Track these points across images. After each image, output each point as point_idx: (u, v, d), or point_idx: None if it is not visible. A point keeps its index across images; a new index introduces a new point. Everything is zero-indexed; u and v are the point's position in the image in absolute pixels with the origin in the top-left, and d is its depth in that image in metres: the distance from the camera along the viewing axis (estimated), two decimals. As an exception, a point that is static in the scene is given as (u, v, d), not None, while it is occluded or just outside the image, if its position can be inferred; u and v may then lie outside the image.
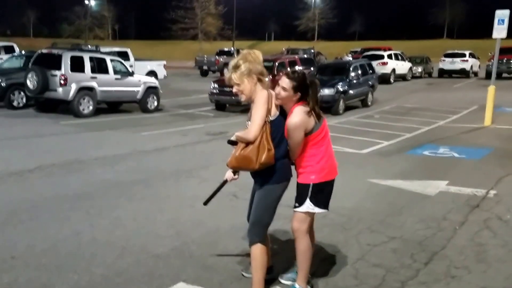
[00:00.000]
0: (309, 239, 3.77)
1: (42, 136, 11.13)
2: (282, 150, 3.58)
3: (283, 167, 3.60)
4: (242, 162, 3.48)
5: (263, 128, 3.45)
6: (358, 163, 8.74)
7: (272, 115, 3.52)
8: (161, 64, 26.72)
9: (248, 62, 3.53)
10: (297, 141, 3.53)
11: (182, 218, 5.66)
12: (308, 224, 3.75)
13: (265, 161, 3.43)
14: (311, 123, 3.55)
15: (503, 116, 14.42)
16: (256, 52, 3.63)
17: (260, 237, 3.64)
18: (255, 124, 3.44)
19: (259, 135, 3.43)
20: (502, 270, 4.34)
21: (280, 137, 3.56)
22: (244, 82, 3.52)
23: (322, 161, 3.64)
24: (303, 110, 3.51)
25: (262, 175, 3.59)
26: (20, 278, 4.11)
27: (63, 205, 6.06)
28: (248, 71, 3.50)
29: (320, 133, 3.64)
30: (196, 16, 65.34)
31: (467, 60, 33.54)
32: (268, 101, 3.49)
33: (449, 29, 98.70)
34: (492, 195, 6.62)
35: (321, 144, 3.65)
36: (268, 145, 3.43)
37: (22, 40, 63.97)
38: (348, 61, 21.37)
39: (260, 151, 3.41)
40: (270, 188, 3.60)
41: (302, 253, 3.73)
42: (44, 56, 14.60)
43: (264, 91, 3.52)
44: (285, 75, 3.57)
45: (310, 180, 3.62)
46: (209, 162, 8.44)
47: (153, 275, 4.19)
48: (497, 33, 12.62)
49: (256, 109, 3.48)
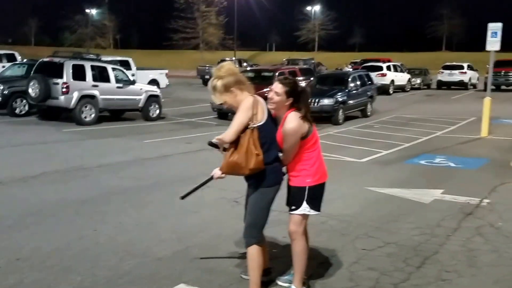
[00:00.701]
0: (305, 242, 3.93)
1: (45, 143, 11.29)
2: (273, 155, 3.72)
3: (274, 170, 3.74)
4: (233, 168, 3.64)
5: (250, 134, 3.58)
6: (358, 171, 8.93)
7: (259, 120, 3.65)
8: (163, 73, 26.97)
9: (221, 79, 3.67)
10: (293, 145, 3.71)
11: (185, 223, 5.80)
12: (305, 225, 3.92)
13: (255, 166, 3.57)
14: (305, 127, 3.73)
15: (500, 128, 14.59)
16: (226, 65, 3.75)
17: (256, 239, 3.79)
18: (232, 128, 3.59)
19: (246, 141, 3.57)
20: (492, 274, 4.49)
21: (270, 141, 3.70)
22: (226, 99, 3.69)
23: (315, 164, 3.83)
24: (297, 116, 3.70)
25: (255, 178, 3.73)
26: (26, 279, 4.25)
27: (67, 210, 6.21)
28: (223, 88, 3.66)
29: (313, 138, 3.82)
30: (197, 26, 65.84)
31: (465, 72, 33.78)
32: (253, 106, 3.62)
33: (448, 41, 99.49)
34: (485, 203, 6.77)
35: (313, 148, 3.83)
36: (256, 151, 3.56)
37: (23, 48, 64.35)
38: (347, 72, 21.63)
39: (248, 157, 3.55)
40: (263, 191, 3.75)
41: (299, 254, 3.89)
42: (46, 65, 14.81)
43: (249, 98, 3.66)
44: (278, 81, 3.77)
45: (306, 183, 3.80)
46: (212, 169, 8.57)
47: (155, 277, 4.33)
48: (490, 46, 12.75)
49: (237, 114, 3.63)
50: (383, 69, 29.73)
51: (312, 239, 4.84)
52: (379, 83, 26.71)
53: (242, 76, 3.79)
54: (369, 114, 18.04)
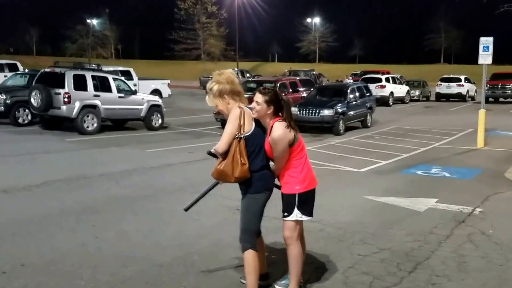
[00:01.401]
0: (300, 246, 4.08)
1: (48, 153, 11.44)
2: (259, 162, 3.89)
3: (263, 177, 3.92)
4: (220, 175, 3.86)
5: (236, 144, 3.76)
6: (356, 181, 9.11)
7: (246, 131, 3.83)
8: (165, 83, 27.22)
9: (219, 84, 3.88)
10: (282, 152, 3.88)
11: (185, 231, 5.94)
12: (299, 231, 4.08)
13: (240, 175, 3.77)
14: (291, 135, 3.91)
15: (496, 139, 14.78)
16: (226, 73, 3.96)
17: (250, 243, 3.94)
18: (223, 139, 3.80)
19: (233, 150, 3.76)
20: (480, 278, 4.66)
21: (258, 150, 3.88)
22: (219, 103, 3.90)
23: (303, 172, 4.00)
24: (282, 124, 3.88)
25: (245, 185, 3.92)
26: (30, 284, 4.40)
27: (70, 218, 6.35)
28: (218, 93, 3.88)
29: (299, 145, 4.00)
30: (198, 37, 66.20)
31: (463, 85, 34.06)
32: (240, 118, 3.80)
33: (446, 54, 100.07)
34: (478, 212, 6.94)
35: (300, 156, 4.01)
36: (242, 160, 3.75)
37: (25, 58, 64.67)
38: (346, 84, 21.89)
39: (234, 166, 3.75)
40: (251, 197, 3.93)
41: (294, 259, 4.04)
42: (47, 75, 15.00)
43: (236, 109, 3.85)
44: (258, 91, 3.96)
45: (295, 190, 3.98)
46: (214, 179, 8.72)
47: (156, 282, 4.47)
48: (482, 59, 12.97)
49: (227, 125, 3.84)
50: (382, 81, 30.00)
51: (310, 245, 5.04)
52: (379, 95, 26.97)
53: (240, 87, 3.97)
54: (369, 125, 18.30)
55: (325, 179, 7.69)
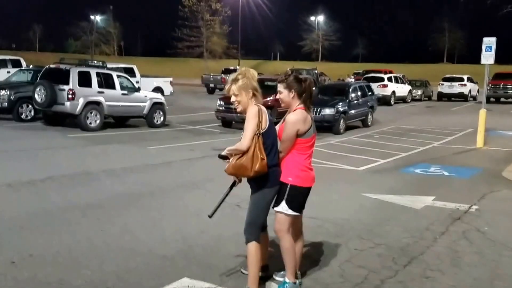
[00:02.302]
0: (291, 238, 4.21)
1: (51, 148, 11.59)
2: (273, 158, 4.06)
3: (274, 174, 4.09)
4: (238, 169, 3.98)
5: (256, 140, 3.94)
6: (354, 179, 9.25)
7: (263, 127, 4.02)
8: (168, 81, 27.29)
9: (246, 78, 4.08)
10: (288, 136, 4.05)
11: (188, 226, 6.11)
12: (288, 225, 4.18)
13: (259, 169, 3.93)
14: (305, 126, 4.08)
15: (496, 139, 14.92)
16: (252, 71, 4.19)
17: (255, 236, 4.10)
18: (246, 135, 3.94)
19: (253, 146, 3.92)
20: (472, 273, 4.82)
21: (271, 147, 4.06)
22: (242, 94, 4.06)
23: (300, 166, 4.14)
24: (302, 113, 4.08)
25: (256, 180, 4.07)
26: (39, 274, 4.55)
27: (75, 212, 6.51)
28: (245, 85, 4.06)
29: (308, 142, 4.15)
30: (201, 35, 66.25)
31: (465, 85, 34.16)
32: (259, 115, 3.99)
33: (449, 54, 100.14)
34: (474, 209, 7.10)
35: (306, 152, 4.16)
36: (261, 155, 3.92)
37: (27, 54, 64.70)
38: (347, 83, 21.98)
39: (254, 160, 3.91)
40: (263, 192, 4.10)
41: (286, 250, 4.18)
42: (52, 71, 15.15)
43: (255, 106, 4.04)
44: (277, 81, 4.24)
45: (288, 181, 4.12)
46: (215, 175, 8.84)
47: (160, 272, 4.64)
48: (485, 59, 13.23)
49: (247, 122, 3.99)
50: (385, 80, 30.11)
51: (308, 240, 5.23)
52: (381, 94, 27.10)
53: (258, 87, 4.18)
54: (370, 124, 18.40)
55: (323, 177, 7.80)
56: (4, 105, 15.63)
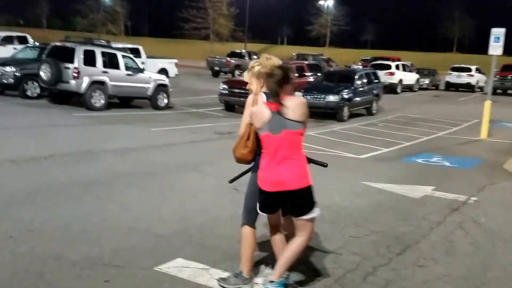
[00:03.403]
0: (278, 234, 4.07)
1: (55, 126, 11.65)
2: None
3: None
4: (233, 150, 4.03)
5: (248, 128, 3.93)
6: (355, 167, 9.24)
7: None
8: (173, 63, 27.18)
9: (262, 66, 4.04)
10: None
11: (185, 206, 6.17)
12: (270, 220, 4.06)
13: (238, 156, 3.98)
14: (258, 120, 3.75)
15: (500, 131, 14.86)
16: (273, 60, 4.05)
17: (248, 220, 4.11)
18: (242, 123, 4.01)
19: (246, 133, 3.93)
20: (466, 262, 4.86)
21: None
22: (253, 82, 4.07)
23: (262, 166, 3.82)
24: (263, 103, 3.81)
25: (253, 169, 4.05)
26: (36, 248, 4.62)
27: (76, 189, 6.58)
28: (257, 74, 4.04)
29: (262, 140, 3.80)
30: (208, 16, 65.85)
31: (473, 75, 33.91)
32: (253, 103, 3.98)
33: (459, 43, 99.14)
34: (472, 201, 7.11)
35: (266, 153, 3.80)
36: (245, 144, 3.92)
37: (35, 31, 64.61)
38: (353, 70, 21.78)
39: (237, 148, 3.97)
40: (252, 176, 4.07)
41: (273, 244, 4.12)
42: (57, 49, 15.07)
43: (251, 95, 4.06)
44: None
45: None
46: (216, 159, 8.93)
47: (156, 251, 4.70)
48: (493, 50, 13.11)
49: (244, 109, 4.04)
50: (392, 68, 29.87)
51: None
52: (387, 82, 26.91)
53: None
54: (374, 112, 18.27)
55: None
56: (10, 81, 15.62)
